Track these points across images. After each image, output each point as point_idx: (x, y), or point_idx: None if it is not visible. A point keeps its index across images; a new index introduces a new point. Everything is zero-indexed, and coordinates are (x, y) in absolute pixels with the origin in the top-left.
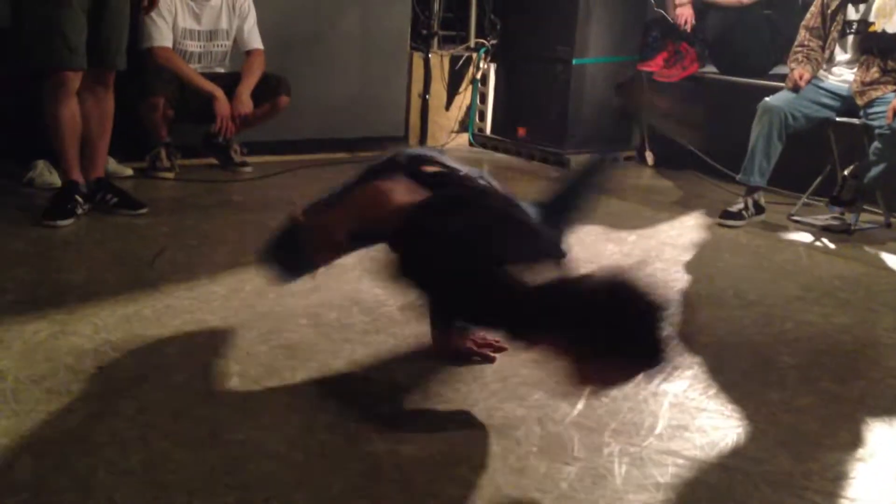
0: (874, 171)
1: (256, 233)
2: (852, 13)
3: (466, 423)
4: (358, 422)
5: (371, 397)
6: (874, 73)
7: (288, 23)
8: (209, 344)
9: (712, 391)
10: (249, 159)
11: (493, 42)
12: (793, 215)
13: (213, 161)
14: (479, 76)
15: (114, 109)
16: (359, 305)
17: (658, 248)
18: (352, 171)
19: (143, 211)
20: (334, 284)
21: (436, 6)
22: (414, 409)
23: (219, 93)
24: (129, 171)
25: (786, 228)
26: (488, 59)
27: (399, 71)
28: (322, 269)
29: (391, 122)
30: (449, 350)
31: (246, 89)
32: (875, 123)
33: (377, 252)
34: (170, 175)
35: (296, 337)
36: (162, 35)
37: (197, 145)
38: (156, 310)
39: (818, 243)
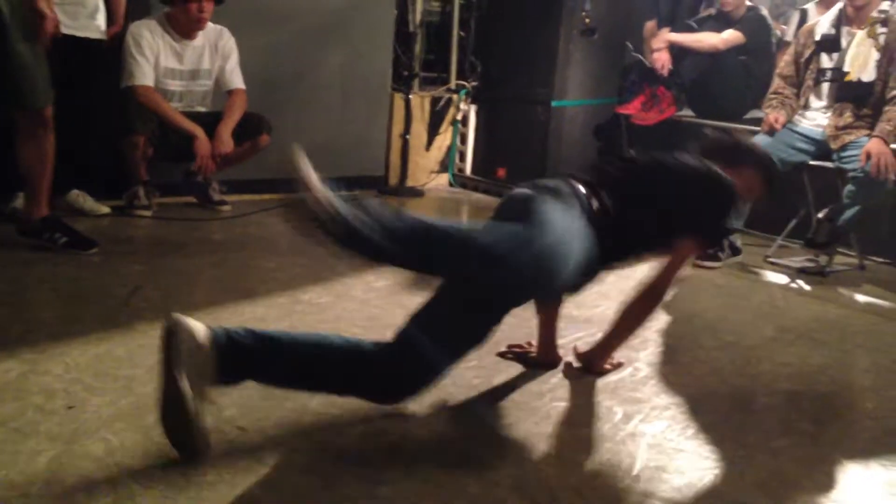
0: (848, 213)
1: (234, 272)
2: (826, 61)
3: (443, 464)
4: (334, 463)
5: (347, 438)
6: (847, 117)
7: (270, 62)
8: None
9: (690, 432)
10: (228, 198)
11: (474, 84)
12: (769, 257)
13: (192, 199)
14: (459, 117)
15: (54, 148)
16: None
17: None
18: None
19: (94, 251)
20: (311, 323)
21: (417, 48)
22: (390, 449)
23: (199, 132)
24: (106, 210)
25: (762, 270)
26: (469, 100)
27: (380, 111)
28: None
29: (372, 162)
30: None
31: (227, 128)
32: (849, 167)
33: (356, 291)
34: (147, 213)
35: None
36: (143, 74)
37: (176, 183)
38: (129, 349)
39: (794, 285)
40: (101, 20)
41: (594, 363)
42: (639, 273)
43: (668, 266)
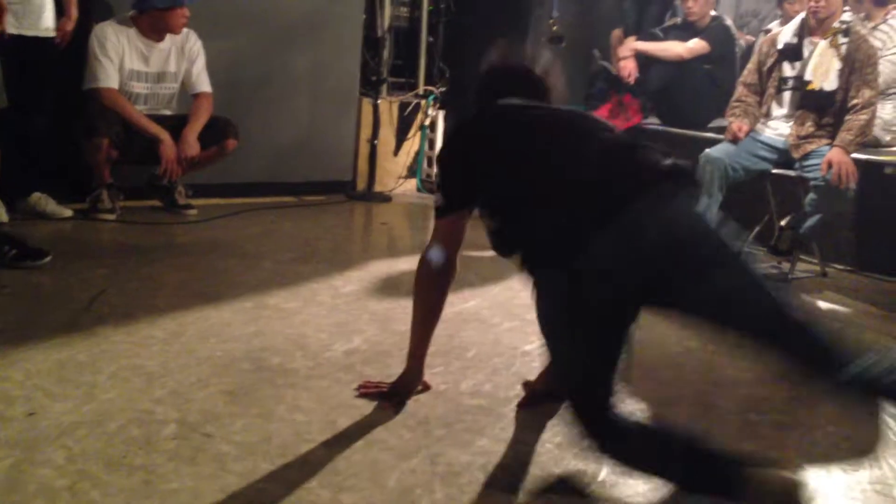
0: (809, 221)
1: (200, 276)
2: (788, 70)
3: (409, 471)
4: (299, 470)
5: (313, 444)
6: (809, 127)
7: (237, 66)
8: (146, 390)
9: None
10: (194, 201)
11: (442, 89)
12: None
13: (157, 203)
14: (427, 122)
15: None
16: (303, 350)
17: None
18: (297, 215)
19: (47, 260)
20: (278, 328)
21: (385, 53)
22: (356, 456)
23: (164, 135)
24: (69, 213)
25: None
26: (437, 105)
27: (348, 116)
28: (269, 313)
29: (339, 167)
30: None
31: (193, 132)
32: (810, 175)
33: (324, 297)
34: (111, 217)
35: (237, 382)
36: (108, 76)
37: (140, 187)
38: (91, 354)
39: None
40: (48, 17)
41: None
42: None
43: None
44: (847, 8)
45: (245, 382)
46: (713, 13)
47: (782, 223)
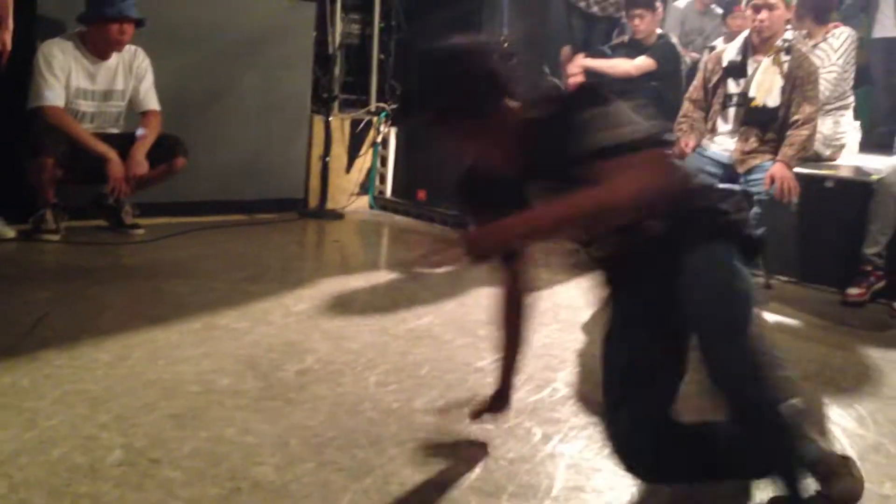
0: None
1: (147, 298)
2: (732, 87)
3: (362, 491)
4: (250, 494)
5: (264, 467)
6: (753, 142)
7: (186, 84)
8: (91, 415)
9: (607, 451)
10: (142, 221)
11: (394, 106)
12: None
13: (103, 223)
14: (379, 139)
15: None
16: (253, 370)
17: (554, 309)
18: (248, 234)
19: None
20: (228, 349)
21: (336, 70)
22: (308, 478)
23: (112, 154)
24: (12, 234)
25: None
26: (389, 122)
27: (299, 133)
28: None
29: (290, 185)
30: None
31: (141, 150)
32: (754, 190)
33: (274, 316)
34: (55, 237)
35: (185, 405)
36: (54, 94)
37: (86, 206)
38: (34, 379)
39: None
40: None
41: None
42: None
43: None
44: (789, 27)
45: (194, 405)
46: (659, 31)
47: None
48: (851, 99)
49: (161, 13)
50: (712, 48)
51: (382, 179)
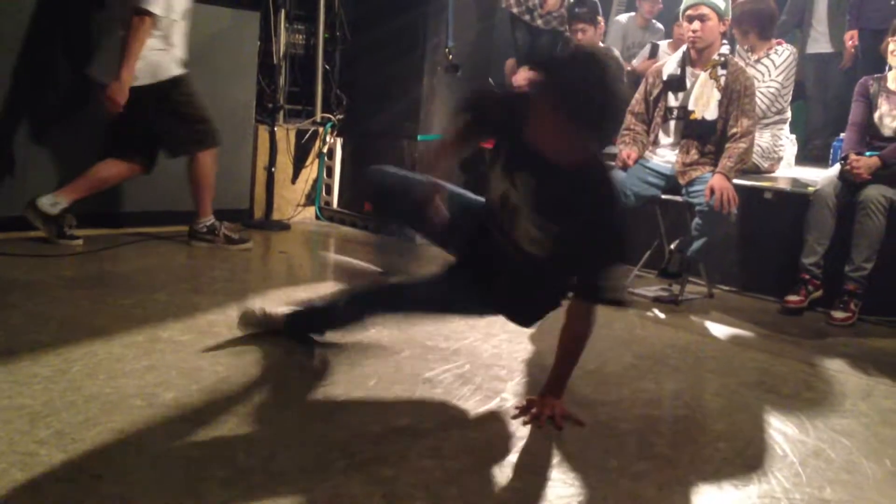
0: (696, 245)
1: (87, 310)
2: (672, 100)
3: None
4: None
5: (210, 482)
6: (693, 155)
7: None
8: (29, 431)
9: (555, 460)
10: (80, 232)
11: (340, 117)
12: (626, 287)
13: (41, 234)
14: (325, 150)
15: None
16: (198, 384)
17: (502, 321)
18: (192, 245)
19: None
20: (172, 362)
21: (281, 80)
22: (258, 491)
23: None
24: None
25: None
26: (335, 133)
27: (244, 143)
28: (163, 346)
29: (235, 195)
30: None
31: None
32: (695, 201)
33: (220, 328)
34: None
35: (129, 420)
36: None
37: (22, 216)
38: None
39: (650, 313)
40: None
41: (554, 401)
42: None
43: None
44: (725, 41)
45: (138, 420)
46: (601, 44)
47: (671, 247)
48: (788, 113)
49: None
50: (654, 50)
51: (329, 190)
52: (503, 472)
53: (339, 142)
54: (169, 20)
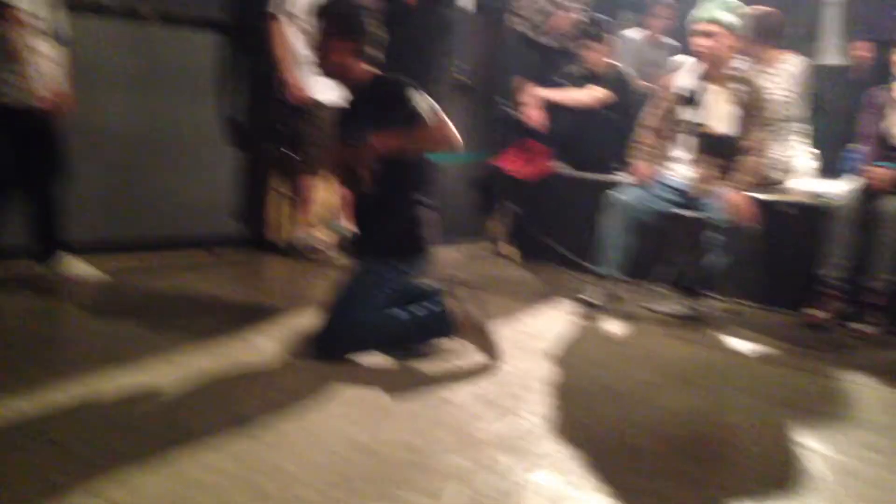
0: (712, 259)
1: (106, 337)
2: (686, 115)
3: None
4: None
5: None
6: (709, 169)
7: (150, 121)
8: (53, 459)
9: (574, 479)
10: (93, 258)
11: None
12: (644, 303)
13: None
14: None
15: None
16: (223, 410)
17: (520, 338)
18: (210, 271)
19: None
20: (193, 388)
21: None
22: None
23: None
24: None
25: (638, 316)
26: None
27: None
28: None
29: (250, 218)
30: None
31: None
32: (711, 216)
33: (236, 352)
34: None
35: (152, 446)
36: None
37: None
38: None
39: (668, 329)
40: None
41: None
42: None
43: None
44: (740, 56)
45: (160, 446)
46: (608, 61)
47: (686, 262)
48: (804, 125)
49: (102, 56)
50: (681, 62)
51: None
52: (520, 493)
53: None
54: None
